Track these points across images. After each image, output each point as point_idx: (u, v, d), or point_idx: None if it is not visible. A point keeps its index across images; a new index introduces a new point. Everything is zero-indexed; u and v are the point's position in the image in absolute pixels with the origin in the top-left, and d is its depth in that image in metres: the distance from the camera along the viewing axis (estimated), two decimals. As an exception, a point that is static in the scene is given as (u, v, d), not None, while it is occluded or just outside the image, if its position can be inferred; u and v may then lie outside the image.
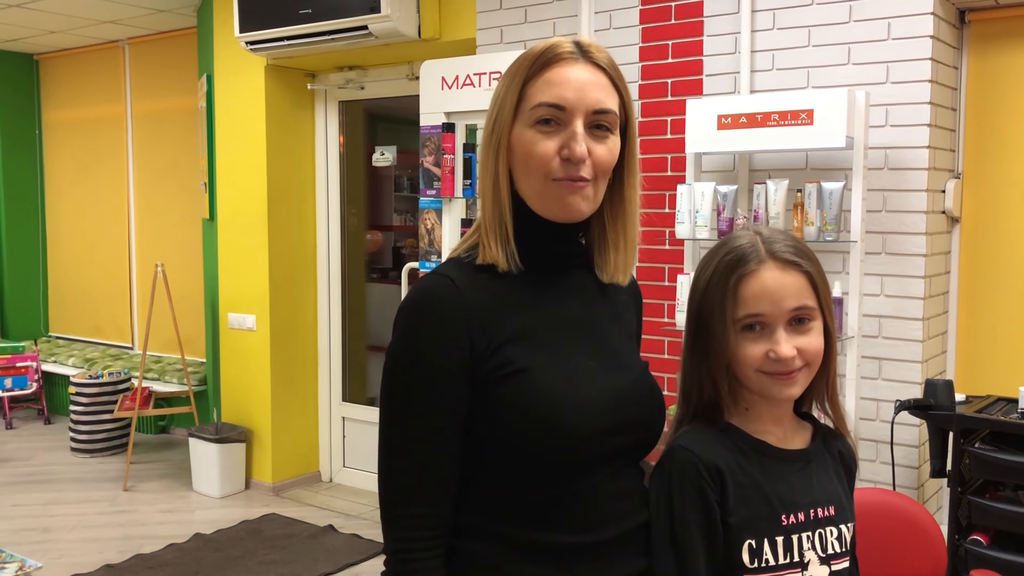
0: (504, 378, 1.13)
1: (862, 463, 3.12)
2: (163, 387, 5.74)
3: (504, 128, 1.17)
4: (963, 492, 2.70)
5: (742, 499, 1.19)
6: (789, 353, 1.17)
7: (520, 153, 1.16)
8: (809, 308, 1.20)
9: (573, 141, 1.13)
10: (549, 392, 1.13)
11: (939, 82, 3.08)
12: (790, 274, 1.19)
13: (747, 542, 1.18)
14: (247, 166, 4.98)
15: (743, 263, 1.19)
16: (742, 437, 1.23)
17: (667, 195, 3.56)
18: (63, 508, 4.75)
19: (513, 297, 1.17)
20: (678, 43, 3.51)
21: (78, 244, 7.09)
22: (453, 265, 1.20)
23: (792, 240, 1.24)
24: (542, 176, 1.16)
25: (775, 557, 1.19)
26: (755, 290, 1.18)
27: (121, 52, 6.60)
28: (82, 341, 7.09)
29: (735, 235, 1.26)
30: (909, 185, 3.05)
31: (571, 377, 1.16)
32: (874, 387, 3.12)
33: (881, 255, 3.11)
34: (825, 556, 1.22)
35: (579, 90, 1.14)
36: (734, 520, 1.18)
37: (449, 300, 1.14)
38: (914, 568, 2.18)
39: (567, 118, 1.15)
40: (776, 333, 1.18)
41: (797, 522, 1.21)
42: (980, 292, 3.26)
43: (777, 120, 3.00)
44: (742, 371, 1.21)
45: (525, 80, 1.16)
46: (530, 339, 1.16)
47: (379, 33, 4.07)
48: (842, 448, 1.32)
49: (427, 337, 1.13)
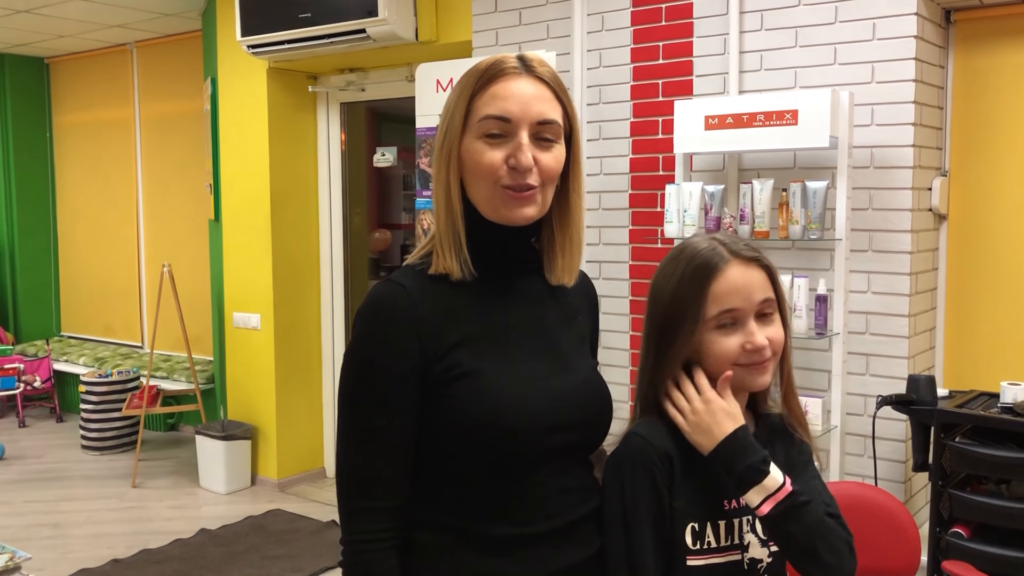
0: (453, 380, 1.20)
1: (850, 458, 3.17)
2: (171, 385, 5.84)
3: (454, 140, 1.23)
4: (944, 486, 2.74)
5: (688, 485, 1.26)
6: (764, 342, 1.24)
7: (470, 163, 1.22)
8: (772, 300, 1.27)
9: (519, 151, 1.19)
10: (496, 394, 1.19)
11: (924, 81, 3.11)
12: (753, 269, 1.26)
13: (690, 525, 1.25)
14: (251, 168, 5.06)
15: (710, 264, 1.25)
16: None
17: (658, 194, 3.61)
18: (73, 504, 4.85)
19: (464, 303, 1.23)
20: (669, 44, 3.56)
21: (89, 245, 7.21)
22: (407, 273, 1.25)
23: (745, 240, 1.30)
24: (491, 184, 1.21)
25: (716, 540, 1.26)
26: (726, 287, 1.24)
27: (129, 56, 6.70)
28: (94, 340, 7.21)
29: (692, 242, 1.31)
30: (895, 183, 3.10)
31: (518, 379, 1.22)
32: (862, 383, 3.17)
33: (868, 252, 3.15)
34: (766, 538, 1.29)
35: (523, 103, 1.20)
36: (679, 504, 1.25)
37: (401, 306, 1.20)
38: (889, 559, 2.23)
39: (513, 129, 1.20)
40: (748, 325, 1.25)
41: (738, 507, 1.28)
42: (968, 288, 3.30)
43: (763, 120, 3.04)
44: (719, 366, 1.26)
45: (472, 94, 1.22)
46: (479, 343, 1.22)
47: (377, 36, 4.14)
48: (786, 447, 1.37)
49: (380, 342, 1.20)
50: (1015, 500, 2.66)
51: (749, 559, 1.28)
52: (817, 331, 3.01)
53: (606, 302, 3.80)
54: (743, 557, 1.27)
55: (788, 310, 1.32)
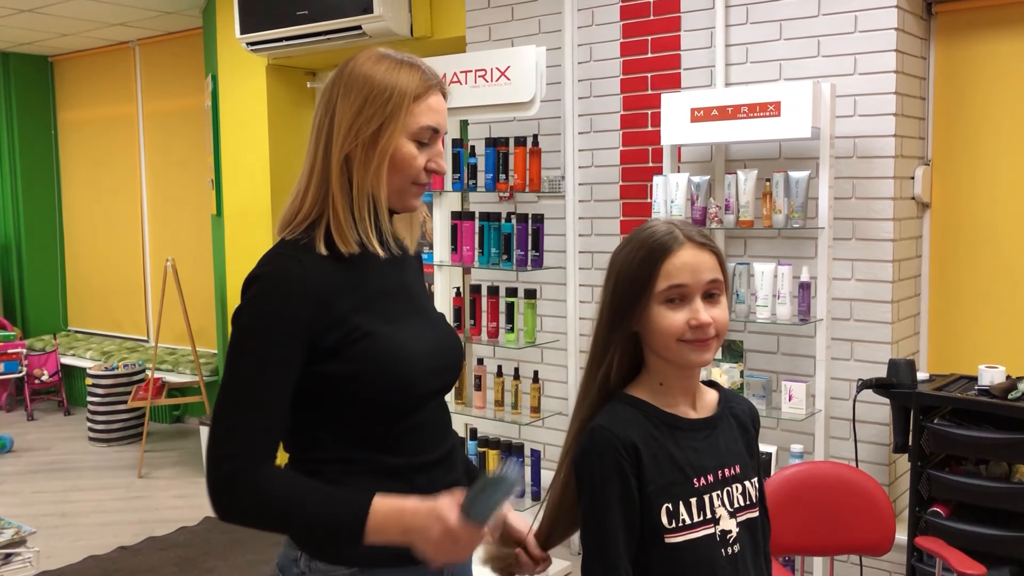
0: (352, 343, 1.37)
1: (835, 441, 3.24)
2: (176, 378, 5.93)
3: (393, 138, 1.42)
4: (923, 466, 2.81)
5: (657, 469, 1.33)
6: (707, 319, 1.31)
7: (399, 161, 1.43)
8: (719, 282, 1.35)
9: (440, 157, 1.48)
10: (394, 350, 1.40)
11: (905, 72, 3.18)
12: (704, 253, 1.34)
13: (664, 506, 1.32)
14: (251, 163, 5.15)
15: (666, 243, 1.34)
16: (655, 412, 1.37)
17: (648, 186, 3.68)
18: (81, 495, 4.96)
19: (351, 275, 1.41)
20: (657, 38, 3.63)
21: (94, 240, 7.31)
22: (294, 247, 1.40)
23: (699, 228, 1.38)
24: (410, 181, 1.45)
25: (690, 516, 1.33)
26: (677, 265, 1.33)
27: (132, 53, 6.79)
28: (100, 335, 7.31)
29: (652, 224, 1.39)
30: (877, 172, 3.17)
31: (406, 335, 1.43)
32: (846, 367, 3.24)
33: (851, 241, 3.22)
34: (733, 510, 1.37)
35: (444, 117, 1.48)
36: (651, 488, 1.32)
37: (296, 275, 1.35)
38: (864, 535, 2.31)
39: (436, 138, 1.46)
40: (695, 303, 1.32)
41: (707, 483, 1.36)
42: (951, 275, 3.37)
43: (747, 112, 3.11)
44: (663, 341, 1.34)
45: (413, 100, 1.43)
46: (368, 308, 1.41)
47: (372, 32, 4.21)
48: (742, 411, 1.46)
49: (274, 306, 1.34)
50: (992, 480, 2.74)
51: (720, 531, 1.35)
52: (801, 318, 3.08)
53: (597, 293, 3.87)
54: (715, 530, 1.35)
55: (731, 297, 1.40)
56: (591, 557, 1.33)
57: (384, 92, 1.41)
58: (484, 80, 3.58)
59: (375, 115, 1.41)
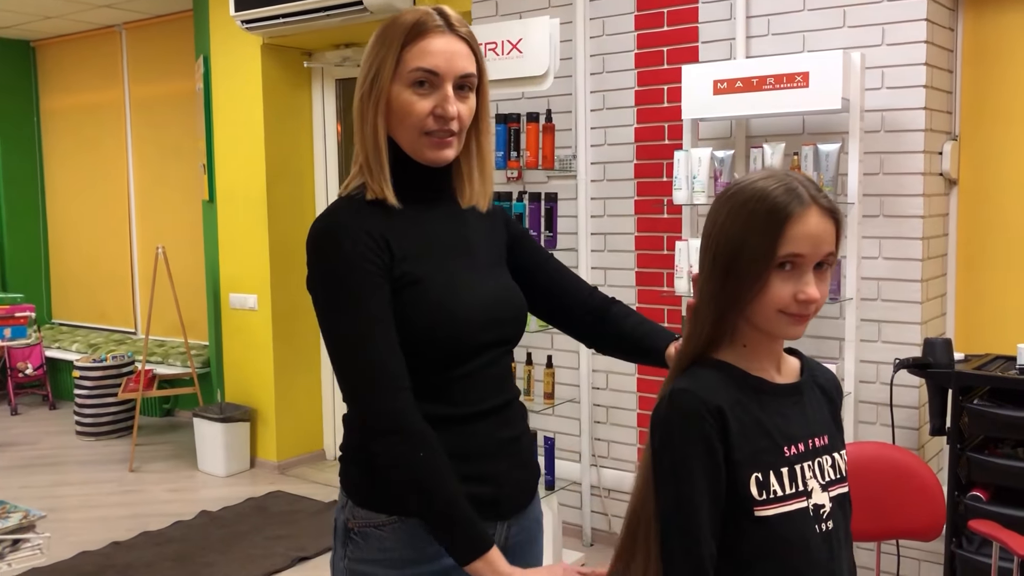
0: (405, 287, 1.37)
1: (863, 425, 3.14)
2: (167, 370, 5.77)
3: (384, 87, 1.38)
4: (962, 449, 2.71)
5: (744, 435, 1.20)
6: (816, 295, 1.19)
7: (398, 110, 1.39)
8: (833, 255, 1.21)
9: (446, 102, 1.38)
10: (440, 296, 1.39)
11: (935, 43, 3.07)
12: (827, 220, 1.20)
13: (754, 475, 1.20)
14: (245, 146, 4.99)
15: (792, 204, 1.18)
16: (740, 375, 1.24)
17: (664, 164, 3.57)
18: (69, 489, 4.79)
19: (401, 224, 1.41)
20: (673, 11, 3.51)
21: (79, 230, 7.11)
22: (348, 201, 1.41)
23: (819, 187, 1.24)
24: (417, 131, 1.39)
25: (781, 488, 1.21)
26: (801, 231, 1.18)
27: (118, 37, 6.60)
28: (86, 327, 7.12)
29: (775, 174, 1.23)
30: (906, 147, 3.06)
31: (456, 284, 1.42)
32: (873, 349, 3.14)
33: (879, 218, 3.12)
34: (824, 483, 1.25)
35: (448, 59, 1.38)
36: (739, 456, 1.19)
37: (355, 224, 1.37)
38: (914, 520, 2.20)
39: (439, 82, 1.38)
40: (806, 275, 1.19)
41: (798, 452, 1.23)
42: (978, 254, 3.27)
43: (773, 84, 3.00)
44: (764, 309, 1.21)
45: (402, 46, 1.37)
46: (418, 256, 1.40)
47: (374, 8, 4.07)
48: (826, 379, 1.34)
49: (350, 252, 1.34)
50: (1034, 462, 2.64)
51: (813, 505, 1.23)
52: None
53: (612, 275, 3.75)
54: (808, 503, 1.23)
55: None
56: (670, 536, 1.19)
57: (380, 40, 1.40)
58: (495, 54, 3.44)
59: (372, 65, 1.40)
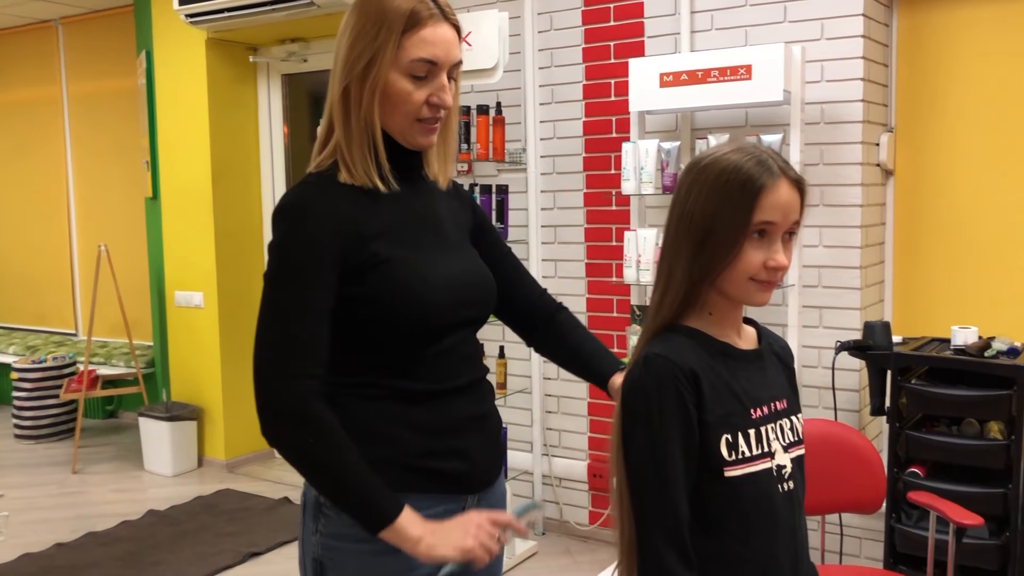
0: (373, 267, 1.38)
1: (807, 409, 3.23)
2: (110, 370, 5.65)
3: (382, 74, 1.39)
4: (901, 428, 2.81)
5: (716, 398, 1.25)
6: (785, 263, 1.24)
7: (393, 96, 1.40)
8: (798, 224, 1.26)
9: (442, 92, 1.42)
10: (409, 277, 1.39)
11: (871, 38, 3.18)
12: (794, 190, 1.25)
13: (724, 436, 1.24)
14: (190, 142, 4.93)
15: (764, 175, 1.23)
16: (708, 341, 1.29)
17: (612, 156, 3.63)
18: (10, 492, 4.67)
19: (372, 204, 1.42)
20: (619, 6, 3.57)
21: (15, 231, 6.93)
22: (319, 177, 1.42)
23: (785, 159, 1.29)
24: (411, 117, 1.42)
25: (749, 449, 1.26)
26: (773, 200, 1.23)
27: (55, 32, 6.45)
28: (23, 329, 6.95)
29: (744, 147, 1.27)
30: (845, 138, 3.16)
31: (428, 263, 1.43)
32: (815, 335, 3.23)
33: (819, 207, 3.21)
34: (786, 445, 1.30)
35: (447, 50, 1.41)
36: (711, 418, 1.24)
37: (320, 205, 1.37)
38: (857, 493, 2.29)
39: (437, 71, 1.41)
40: (775, 243, 1.24)
41: (763, 415, 1.29)
42: (914, 241, 3.39)
43: (717, 76, 3.07)
44: (736, 276, 1.25)
45: (402, 33, 1.38)
46: (390, 235, 1.41)
47: (321, 2, 4.06)
48: (780, 347, 1.40)
49: (310, 232, 1.35)
50: (966, 438, 2.75)
51: (776, 465, 1.29)
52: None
53: (562, 266, 3.80)
54: (772, 464, 1.28)
55: None
56: (644, 501, 1.22)
57: (375, 24, 1.38)
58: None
59: (365, 49, 1.39)
